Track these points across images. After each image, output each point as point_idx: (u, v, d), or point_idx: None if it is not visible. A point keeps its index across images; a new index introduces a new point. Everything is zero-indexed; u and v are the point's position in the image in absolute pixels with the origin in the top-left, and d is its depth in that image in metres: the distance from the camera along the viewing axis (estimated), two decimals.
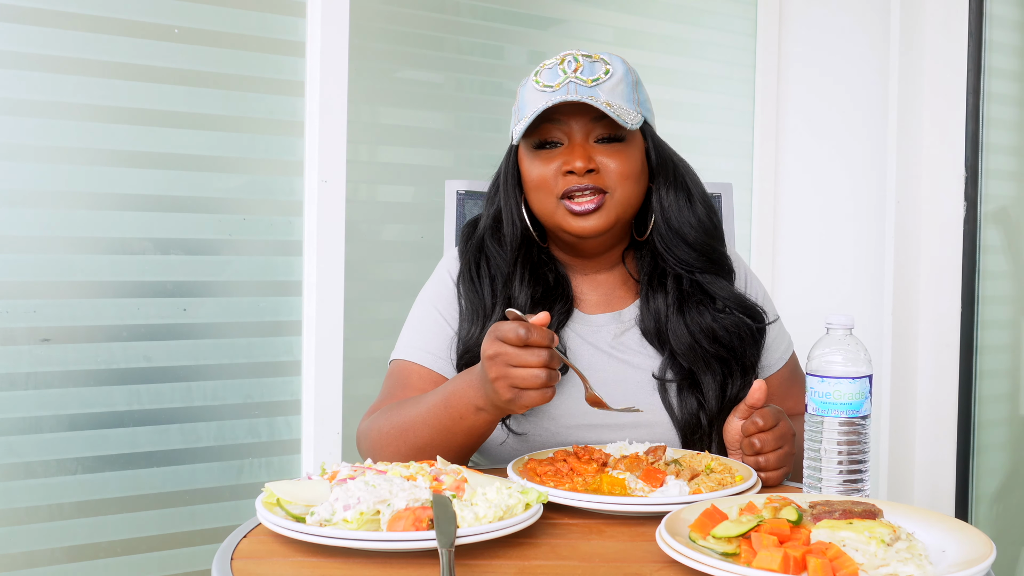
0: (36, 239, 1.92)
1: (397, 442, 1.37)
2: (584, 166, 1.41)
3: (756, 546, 0.95)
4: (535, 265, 1.51)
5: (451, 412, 1.30)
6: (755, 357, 1.52)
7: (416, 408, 1.36)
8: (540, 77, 1.45)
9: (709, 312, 1.49)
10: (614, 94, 1.42)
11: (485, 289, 1.49)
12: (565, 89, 1.41)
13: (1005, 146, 2.79)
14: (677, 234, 1.50)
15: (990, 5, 2.73)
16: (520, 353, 1.18)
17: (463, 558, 1.02)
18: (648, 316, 1.51)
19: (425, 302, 1.55)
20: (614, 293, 1.56)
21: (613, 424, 1.46)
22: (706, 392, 1.46)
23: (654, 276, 1.52)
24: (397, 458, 1.35)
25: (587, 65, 1.43)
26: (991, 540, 0.98)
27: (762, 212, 2.93)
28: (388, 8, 2.31)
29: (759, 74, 2.91)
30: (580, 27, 2.61)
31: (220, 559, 1.02)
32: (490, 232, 1.53)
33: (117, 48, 1.98)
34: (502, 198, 1.53)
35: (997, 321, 2.80)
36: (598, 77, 1.42)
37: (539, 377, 1.18)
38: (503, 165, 1.55)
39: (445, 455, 1.33)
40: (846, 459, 1.19)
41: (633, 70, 1.48)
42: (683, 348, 1.47)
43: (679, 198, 1.50)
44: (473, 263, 1.52)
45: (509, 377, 1.19)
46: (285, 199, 2.18)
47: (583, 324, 1.52)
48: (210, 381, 2.10)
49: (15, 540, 1.91)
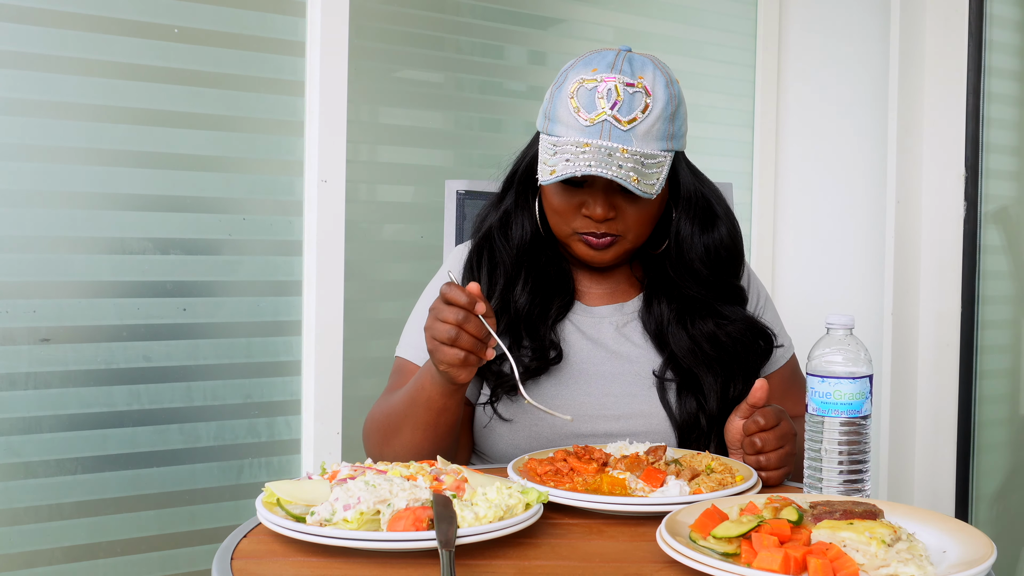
0: (36, 239, 1.92)
1: (384, 428, 1.43)
2: (603, 215, 1.42)
3: (756, 546, 0.95)
4: (538, 263, 1.52)
5: (416, 385, 1.37)
6: (759, 365, 1.53)
7: (397, 394, 1.43)
8: (578, 98, 1.39)
9: (712, 320, 1.49)
10: (648, 137, 1.39)
11: (483, 278, 1.51)
12: (598, 129, 1.37)
13: (1005, 146, 2.79)
14: (688, 269, 1.50)
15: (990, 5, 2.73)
16: (441, 307, 1.25)
17: (463, 558, 1.02)
18: (650, 319, 1.52)
19: (428, 297, 1.56)
20: (617, 287, 1.57)
21: (608, 416, 1.46)
22: (707, 394, 1.46)
23: (660, 286, 1.53)
24: (384, 443, 1.42)
25: (627, 99, 1.38)
26: (991, 540, 0.98)
27: (762, 212, 2.93)
28: (388, 8, 2.31)
29: (759, 74, 2.91)
30: (580, 27, 2.61)
31: (220, 559, 1.02)
32: (498, 227, 1.54)
33: (117, 48, 1.98)
34: (512, 201, 1.53)
35: (997, 321, 2.80)
36: (635, 118, 1.38)
37: (449, 333, 1.23)
38: (518, 165, 1.54)
39: (415, 435, 1.38)
40: (846, 459, 1.19)
41: (675, 93, 1.43)
42: (684, 351, 1.48)
43: (695, 229, 1.50)
44: (476, 252, 1.53)
45: (430, 328, 1.26)
46: (285, 199, 2.18)
47: (584, 315, 1.53)
48: (210, 381, 2.10)
49: (15, 540, 1.91)
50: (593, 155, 1.35)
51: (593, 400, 1.46)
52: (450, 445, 1.42)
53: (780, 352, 1.58)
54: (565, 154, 1.37)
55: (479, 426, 1.49)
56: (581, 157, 1.35)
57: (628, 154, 1.36)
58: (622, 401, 1.47)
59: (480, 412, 1.49)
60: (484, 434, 1.49)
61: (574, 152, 1.36)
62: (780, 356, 1.59)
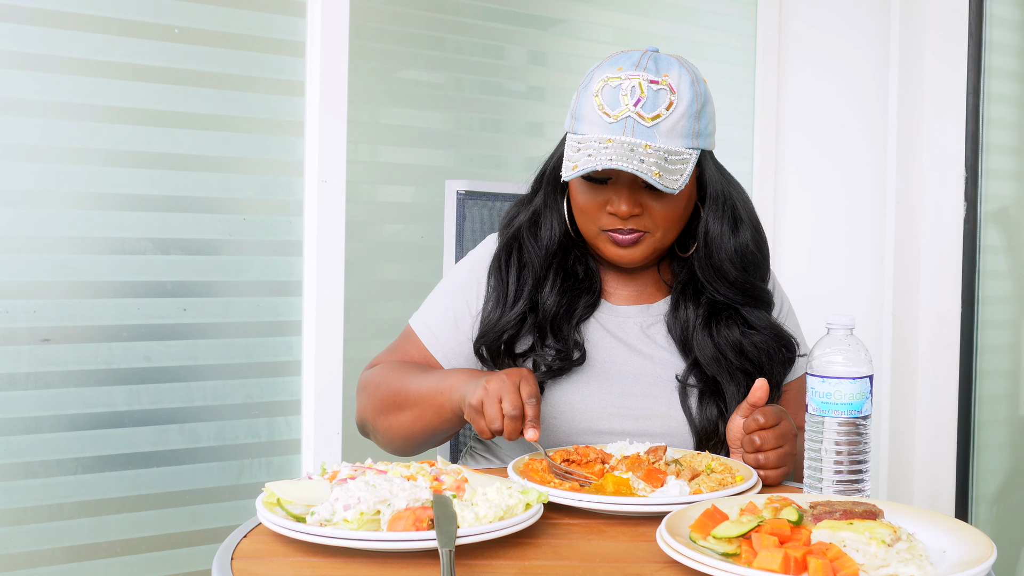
0: (36, 239, 1.92)
1: (387, 400, 1.47)
2: (628, 211, 1.42)
3: (757, 546, 0.95)
4: (566, 263, 1.53)
5: (436, 388, 1.40)
6: (782, 376, 1.53)
7: (415, 377, 1.46)
8: (602, 96, 1.40)
9: (739, 328, 1.49)
10: (672, 134, 1.39)
11: (511, 276, 1.51)
12: (622, 125, 1.38)
13: (1005, 146, 2.79)
14: (718, 270, 1.50)
15: (990, 5, 2.73)
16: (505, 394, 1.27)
17: (463, 558, 1.02)
18: (676, 323, 1.52)
19: (454, 281, 1.58)
20: (645, 289, 1.57)
21: (627, 415, 1.46)
22: (729, 402, 1.46)
23: (688, 288, 1.53)
24: (382, 412, 1.47)
25: (651, 96, 1.38)
26: (991, 540, 0.98)
27: (762, 212, 2.92)
28: (388, 8, 2.31)
29: (759, 74, 2.91)
30: (580, 27, 2.61)
31: (220, 559, 1.02)
32: (528, 226, 1.54)
33: (117, 48, 1.98)
34: (541, 201, 1.54)
35: (997, 321, 2.80)
36: (658, 115, 1.38)
37: (495, 422, 1.27)
38: (547, 166, 1.55)
39: (415, 426, 1.42)
40: (846, 459, 1.19)
41: (701, 92, 1.43)
42: (708, 359, 1.48)
43: (725, 228, 1.50)
44: (505, 250, 1.54)
45: (487, 405, 1.28)
46: (285, 199, 2.18)
47: (610, 314, 1.53)
48: (210, 381, 2.10)
49: (15, 540, 1.91)
50: (615, 150, 1.36)
51: (613, 398, 1.46)
52: (443, 440, 1.48)
53: (802, 361, 1.57)
54: (588, 150, 1.38)
55: None
56: (603, 152, 1.36)
57: (651, 150, 1.37)
58: (642, 401, 1.47)
59: None
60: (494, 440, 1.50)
61: (596, 148, 1.37)
62: (801, 365, 1.58)
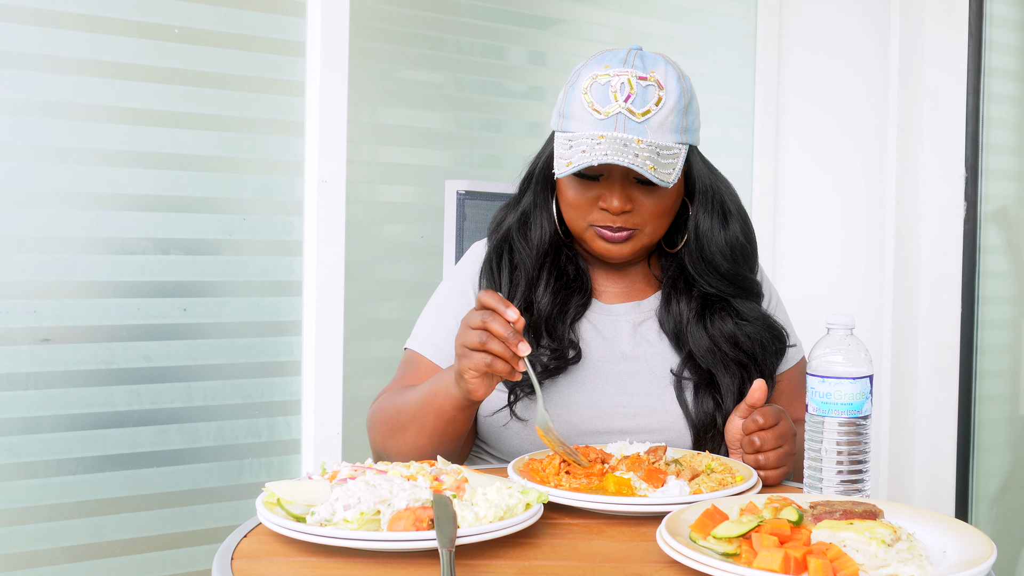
0: (36, 239, 1.92)
1: (390, 423, 1.43)
2: (620, 207, 1.42)
3: (757, 546, 0.95)
4: (558, 262, 1.52)
5: (430, 392, 1.37)
6: (775, 366, 1.53)
7: (411, 391, 1.43)
8: (591, 94, 1.41)
9: (732, 319, 1.50)
10: (662, 129, 1.40)
11: (503, 278, 1.51)
12: (613, 121, 1.39)
13: (1005, 146, 2.79)
14: (709, 263, 1.51)
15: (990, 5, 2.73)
16: (472, 313, 1.25)
17: (463, 558, 1.02)
18: (668, 318, 1.52)
19: (445, 291, 1.57)
20: (635, 286, 1.58)
21: (624, 414, 1.46)
22: (724, 393, 1.47)
23: (678, 283, 1.53)
24: (389, 437, 1.43)
25: (640, 92, 1.39)
26: (991, 540, 0.98)
27: (762, 212, 2.93)
28: (388, 8, 2.31)
29: (759, 74, 2.91)
30: (580, 27, 2.61)
31: (220, 559, 1.02)
32: (517, 227, 1.54)
33: (117, 48, 1.98)
34: (530, 201, 1.54)
35: (997, 321, 2.80)
36: (648, 110, 1.39)
37: (480, 338, 1.23)
38: (535, 166, 1.55)
39: (420, 438, 1.39)
40: (846, 459, 1.19)
41: (687, 88, 1.44)
42: (703, 351, 1.48)
43: (715, 222, 1.50)
44: (495, 253, 1.54)
45: (461, 336, 1.26)
46: (285, 199, 2.18)
47: (601, 313, 1.54)
48: (210, 381, 2.10)
49: (15, 540, 1.91)
50: (609, 145, 1.36)
51: (609, 399, 1.47)
52: (454, 450, 1.42)
53: (792, 352, 1.58)
54: (581, 146, 1.38)
55: (497, 425, 1.48)
56: (597, 148, 1.37)
57: (644, 144, 1.38)
58: (638, 399, 1.47)
59: (504, 413, 1.49)
60: (502, 433, 1.49)
61: (589, 144, 1.38)
62: (792, 356, 1.58)
